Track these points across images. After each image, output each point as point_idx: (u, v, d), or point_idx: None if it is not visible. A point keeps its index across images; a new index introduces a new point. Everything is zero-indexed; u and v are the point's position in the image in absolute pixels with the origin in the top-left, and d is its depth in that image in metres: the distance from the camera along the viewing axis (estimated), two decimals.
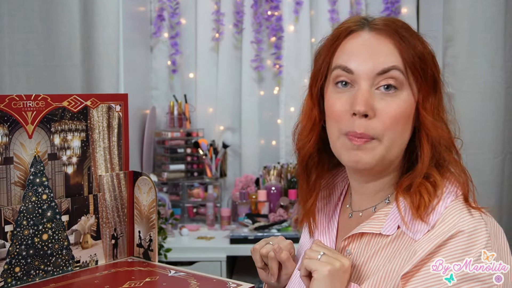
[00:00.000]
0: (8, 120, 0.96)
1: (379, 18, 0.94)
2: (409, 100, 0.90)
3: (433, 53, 0.94)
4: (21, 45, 2.05)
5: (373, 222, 0.93)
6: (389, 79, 0.88)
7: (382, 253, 0.91)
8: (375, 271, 0.90)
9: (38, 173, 1.01)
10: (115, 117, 1.12)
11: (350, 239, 0.96)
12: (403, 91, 0.89)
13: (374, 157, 0.89)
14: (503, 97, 2.24)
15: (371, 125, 0.88)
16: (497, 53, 2.22)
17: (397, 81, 0.89)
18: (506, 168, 2.27)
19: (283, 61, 2.90)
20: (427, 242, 0.85)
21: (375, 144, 0.89)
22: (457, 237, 0.84)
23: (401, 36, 0.90)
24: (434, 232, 0.86)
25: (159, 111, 2.97)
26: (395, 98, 0.89)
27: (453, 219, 0.86)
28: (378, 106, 0.88)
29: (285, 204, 2.62)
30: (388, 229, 0.91)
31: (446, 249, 0.84)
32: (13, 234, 0.98)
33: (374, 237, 0.93)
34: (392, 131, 0.88)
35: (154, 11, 2.92)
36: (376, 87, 0.89)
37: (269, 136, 2.98)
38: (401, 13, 2.86)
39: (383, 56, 0.89)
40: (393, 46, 0.89)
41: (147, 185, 1.12)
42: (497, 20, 2.21)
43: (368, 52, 0.90)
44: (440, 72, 0.94)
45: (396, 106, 0.88)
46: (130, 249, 1.16)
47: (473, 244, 0.84)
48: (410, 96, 0.90)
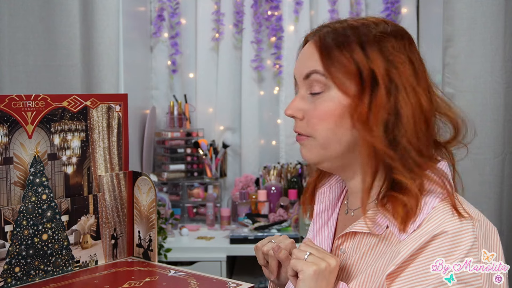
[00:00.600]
0: (8, 120, 0.96)
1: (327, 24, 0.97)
2: (336, 100, 0.91)
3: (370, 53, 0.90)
4: (21, 45, 2.05)
5: (364, 222, 0.94)
6: (312, 82, 0.94)
7: (371, 252, 0.92)
8: (364, 270, 0.91)
9: (38, 173, 1.01)
10: (115, 117, 1.12)
11: (344, 238, 0.97)
12: (329, 92, 0.92)
13: (313, 153, 0.96)
14: (503, 97, 2.24)
15: (301, 125, 0.96)
16: (497, 53, 2.22)
17: (319, 83, 0.93)
18: (506, 168, 2.27)
19: (283, 61, 2.90)
20: (411, 242, 0.86)
21: (312, 142, 0.95)
22: (441, 237, 0.84)
23: (322, 44, 0.93)
24: (419, 232, 0.86)
25: (159, 111, 2.97)
26: (320, 99, 0.93)
27: (438, 219, 0.86)
28: (307, 108, 0.95)
29: (285, 204, 2.62)
30: (377, 228, 0.92)
31: (429, 249, 0.84)
32: (13, 234, 0.98)
33: (366, 236, 0.94)
34: (322, 129, 0.93)
35: (154, 11, 2.92)
36: (309, 91, 0.95)
37: (269, 136, 2.98)
38: (401, 13, 2.86)
39: (306, 61, 0.96)
40: (315, 50, 0.94)
41: (147, 185, 1.12)
42: (497, 20, 2.21)
43: (299, 61, 0.98)
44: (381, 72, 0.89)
45: (321, 107, 0.93)
46: (130, 249, 1.16)
47: (456, 246, 0.83)
48: (337, 96, 0.91)
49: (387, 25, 0.94)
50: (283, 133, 2.94)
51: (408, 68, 0.91)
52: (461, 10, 2.23)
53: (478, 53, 2.23)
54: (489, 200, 2.18)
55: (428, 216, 0.87)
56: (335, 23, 0.96)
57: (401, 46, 0.92)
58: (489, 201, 2.17)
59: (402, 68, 0.90)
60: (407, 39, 0.94)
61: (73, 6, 2.07)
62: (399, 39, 0.93)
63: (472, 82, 2.24)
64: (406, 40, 0.94)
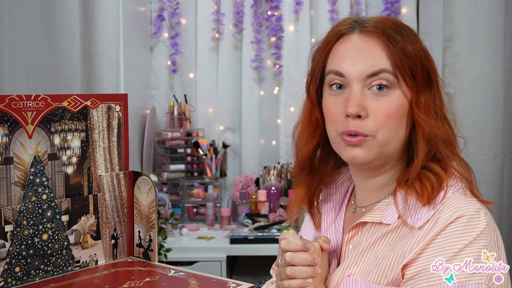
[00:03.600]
0: (8, 120, 0.96)
1: (370, 18, 0.96)
2: (401, 99, 0.92)
3: (425, 49, 0.95)
4: (21, 45, 2.05)
5: (375, 212, 0.96)
6: (380, 80, 0.91)
7: (382, 241, 0.93)
8: (374, 260, 0.92)
9: (38, 173, 1.01)
10: (115, 117, 1.12)
11: (354, 231, 0.98)
12: (395, 90, 0.92)
13: (369, 152, 0.93)
14: (503, 97, 2.24)
15: (364, 124, 0.91)
16: (497, 53, 2.22)
17: (388, 81, 0.91)
18: (506, 168, 2.27)
19: (283, 61, 2.90)
20: (428, 231, 0.88)
21: (370, 141, 0.92)
22: (457, 221, 0.86)
23: (389, 37, 0.92)
24: (437, 220, 0.88)
25: (159, 111, 2.97)
26: (387, 97, 0.91)
27: (455, 205, 0.88)
28: (370, 106, 0.91)
29: (285, 204, 2.63)
30: (388, 218, 0.93)
31: (445, 232, 0.86)
32: (13, 234, 0.98)
33: (375, 226, 0.95)
34: (385, 128, 0.91)
35: (154, 11, 2.92)
36: (368, 87, 0.92)
37: (269, 136, 2.98)
38: (401, 13, 2.86)
39: (372, 59, 0.92)
40: (382, 48, 0.92)
41: (147, 185, 1.12)
42: (497, 20, 2.21)
43: (358, 55, 0.93)
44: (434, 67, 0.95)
45: (388, 105, 0.91)
46: (130, 249, 1.16)
47: (471, 227, 0.86)
48: (402, 95, 0.92)
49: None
50: (283, 133, 2.94)
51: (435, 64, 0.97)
52: (461, 10, 2.23)
53: (478, 53, 2.23)
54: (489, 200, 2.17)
55: (444, 205, 0.89)
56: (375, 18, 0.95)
57: (423, 43, 0.97)
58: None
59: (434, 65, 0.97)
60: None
61: (73, 6, 2.07)
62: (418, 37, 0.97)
63: (472, 82, 2.24)
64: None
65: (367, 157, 0.93)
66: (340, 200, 1.08)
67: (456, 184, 0.93)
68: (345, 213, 1.06)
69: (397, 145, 0.94)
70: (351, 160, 0.94)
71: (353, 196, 1.06)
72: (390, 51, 0.91)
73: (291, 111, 2.91)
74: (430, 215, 0.88)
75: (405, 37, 0.92)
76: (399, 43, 0.91)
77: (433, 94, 0.94)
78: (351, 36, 0.95)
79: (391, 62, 0.91)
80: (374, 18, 0.96)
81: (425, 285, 0.84)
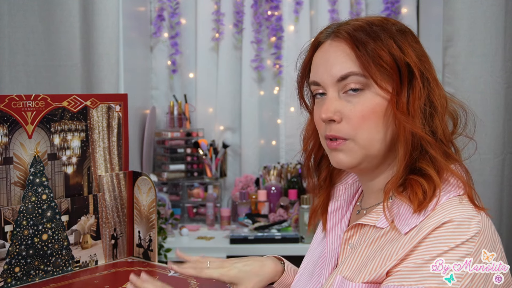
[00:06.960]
0: (8, 120, 0.96)
1: (346, 22, 0.96)
2: (377, 98, 0.91)
3: (403, 46, 0.92)
4: (21, 45, 2.05)
5: (372, 215, 0.95)
6: (350, 83, 0.92)
7: (374, 245, 0.92)
8: (365, 260, 0.91)
9: (38, 173, 1.01)
10: (115, 117, 1.12)
11: (353, 232, 0.98)
12: (369, 91, 0.92)
13: (353, 156, 0.93)
14: (503, 97, 2.24)
15: (340, 128, 0.93)
16: (497, 53, 2.22)
17: (359, 83, 0.92)
18: (506, 168, 2.27)
19: (283, 61, 2.90)
20: (413, 236, 0.86)
21: (351, 145, 0.93)
22: (445, 226, 0.84)
23: (355, 40, 0.91)
24: (423, 225, 0.86)
25: (159, 111, 2.97)
26: (360, 98, 0.92)
27: (446, 211, 0.86)
28: (345, 109, 0.92)
29: (285, 204, 2.62)
30: (382, 222, 0.92)
31: (431, 237, 0.84)
32: (13, 234, 0.98)
33: (372, 229, 0.95)
34: (363, 130, 0.91)
35: (154, 11, 2.92)
36: (343, 91, 0.93)
37: (269, 136, 2.98)
38: (401, 13, 2.86)
39: (339, 63, 0.93)
40: (350, 50, 0.92)
41: (147, 185, 1.12)
42: (497, 20, 2.21)
43: (327, 62, 0.94)
44: (416, 60, 0.92)
45: (361, 107, 0.91)
46: (130, 249, 1.16)
47: (459, 233, 0.83)
48: (378, 93, 0.91)
49: (397, 22, 0.96)
50: (283, 133, 2.94)
51: (429, 60, 0.95)
52: (461, 10, 2.22)
53: (478, 53, 2.23)
54: (489, 200, 2.17)
55: (440, 207, 0.87)
56: (350, 21, 0.95)
57: (417, 40, 0.95)
58: (489, 201, 2.17)
59: (426, 60, 0.94)
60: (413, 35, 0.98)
61: (73, 6, 2.07)
62: (412, 34, 0.96)
63: (472, 82, 2.24)
64: (414, 35, 0.97)
65: (352, 161, 0.93)
66: (348, 200, 1.08)
67: (454, 190, 0.90)
68: (351, 214, 1.06)
69: (382, 146, 0.93)
70: (337, 165, 0.95)
71: (361, 197, 1.06)
72: (357, 53, 0.91)
73: (291, 111, 2.91)
74: (419, 221, 0.87)
75: (377, 37, 0.91)
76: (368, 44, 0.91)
77: (418, 90, 0.91)
78: (325, 44, 0.96)
79: (359, 64, 0.91)
80: (349, 21, 0.95)
81: (397, 285, 0.84)
